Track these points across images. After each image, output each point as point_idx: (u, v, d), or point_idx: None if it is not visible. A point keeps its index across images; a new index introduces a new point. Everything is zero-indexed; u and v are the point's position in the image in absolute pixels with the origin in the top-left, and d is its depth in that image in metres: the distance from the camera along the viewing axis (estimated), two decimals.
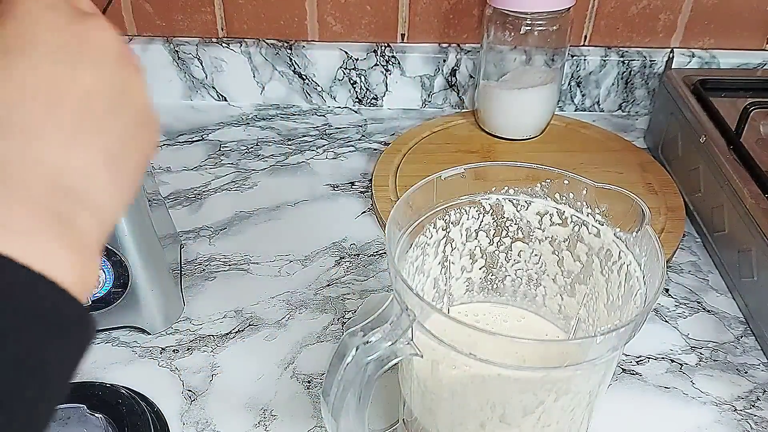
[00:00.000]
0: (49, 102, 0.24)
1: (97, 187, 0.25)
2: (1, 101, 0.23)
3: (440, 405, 0.38)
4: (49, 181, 0.23)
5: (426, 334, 0.33)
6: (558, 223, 0.42)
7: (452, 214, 0.42)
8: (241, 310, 0.56)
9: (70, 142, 0.24)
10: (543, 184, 0.41)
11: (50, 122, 0.24)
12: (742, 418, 0.48)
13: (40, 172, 0.23)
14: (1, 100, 0.23)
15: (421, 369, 0.36)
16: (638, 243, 0.37)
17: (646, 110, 0.83)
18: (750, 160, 0.59)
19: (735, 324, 0.56)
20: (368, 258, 0.61)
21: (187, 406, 0.48)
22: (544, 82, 0.72)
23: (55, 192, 0.23)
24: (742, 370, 0.52)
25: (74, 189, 0.24)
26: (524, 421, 0.36)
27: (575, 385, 0.35)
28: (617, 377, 0.51)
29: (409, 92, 0.83)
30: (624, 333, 0.32)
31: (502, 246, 0.44)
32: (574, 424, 0.38)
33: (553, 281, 0.44)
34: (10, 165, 0.22)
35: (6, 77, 0.24)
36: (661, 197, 0.66)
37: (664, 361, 0.52)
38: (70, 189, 0.24)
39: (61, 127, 0.24)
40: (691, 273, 0.61)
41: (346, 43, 0.81)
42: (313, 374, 0.51)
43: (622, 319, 0.38)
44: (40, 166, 0.23)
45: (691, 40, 0.80)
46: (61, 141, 0.24)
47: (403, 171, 0.70)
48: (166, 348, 0.53)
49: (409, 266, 0.41)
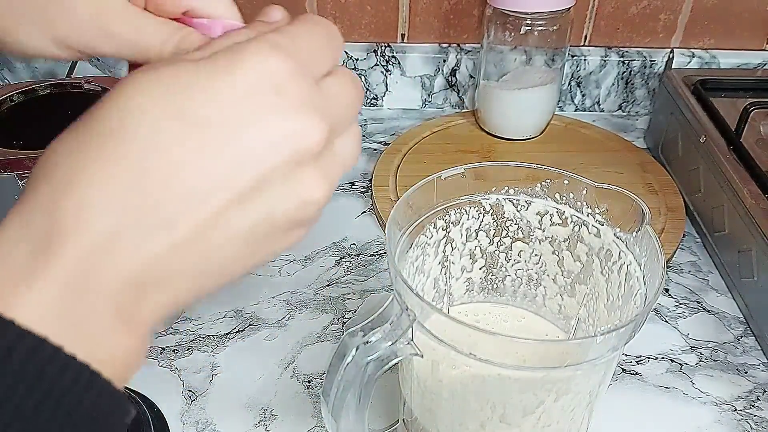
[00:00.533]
0: (189, 200, 0.21)
1: (187, 284, 0.23)
2: (142, 189, 0.21)
3: (440, 405, 0.38)
4: (129, 279, 0.21)
5: (426, 334, 0.33)
6: (558, 223, 0.42)
7: (452, 214, 0.42)
8: (241, 310, 0.56)
9: (181, 250, 0.22)
10: (543, 184, 0.41)
11: (178, 224, 0.21)
12: (742, 418, 0.48)
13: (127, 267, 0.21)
14: (143, 188, 0.21)
15: (421, 369, 0.36)
16: (638, 243, 0.37)
17: (646, 110, 0.83)
18: (750, 160, 0.59)
19: (735, 324, 0.56)
20: (368, 258, 0.61)
21: (187, 406, 0.48)
22: (544, 82, 0.72)
23: (131, 288, 0.21)
24: (742, 370, 0.52)
25: (159, 283, 0.22)
26: (524, 421, 0.36)
27: (575, 385, 0.35)
28: (617, 377, 0.51)
29: (409, 92, 0.83)
30: (624, 333, 0.32)
31: (502, 246, 0.44)
32: (574, 424, 0.38)
33: (553, 281, 0.44)
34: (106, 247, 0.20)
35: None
36: (661, 197, 0.66)
37: (664, 361, 0.52)
38: (156, 283, 0.22)
39: (188, 231, 0.22)
40: (691, 273, 0.61)
41: (346, 43, 0.80)
42: (313, 374, 0.51)
43: (622, 319, 0.38)
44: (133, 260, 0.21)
45: (691, 40, 0.80)
46: (173, 244, 0.21)
47: (403, 171, 0.70)
48: (166, 348, 0.53)
49: (409, 266, 0.41)
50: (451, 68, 0.81)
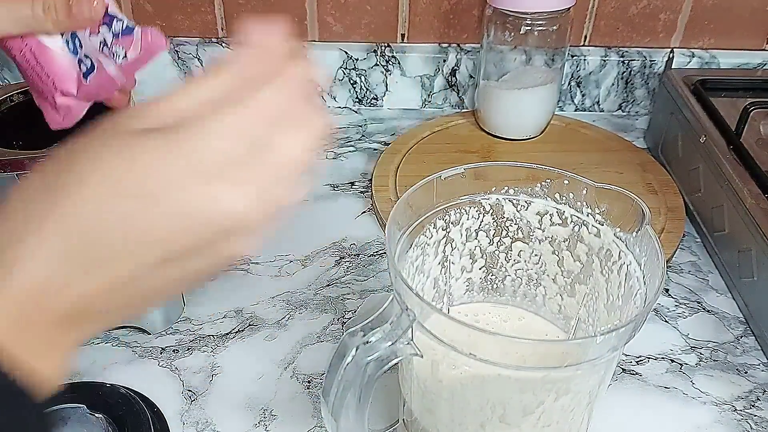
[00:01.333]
0: (119, 255, 0.25)
1: (118, 311, 0.27)
2: (80, 231, 0.24)
3: (440, 405, 0.38)
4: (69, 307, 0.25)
5: (426, 334, 0.33)
6: (558, 223, 0.42)
7: (452, 214, 0.42)
8: (241, 310, 0.56)
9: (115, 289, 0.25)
10: (543, 184, 0.41)
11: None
12: (742, 418, 0.48)
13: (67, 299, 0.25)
14: (80, 230, 0.24)
15: (421, 369, 0.36)
16: (638, 243, 0.37)
17: (646, 110, 0.83)
18: (750, 160, 0.59)
19: (735, 324, 0.56)
20: (368, 258, 0.61)
21: (187, 406, 0.48)
22: (544, 82, 0.72)
23: (69, 315, 0.25)
24: (742, 370, 0.52)
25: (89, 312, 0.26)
26: (524, 421, 0.36)
27: (575, 385, 0.35)
28: (617, 377, 0.51)
29: (409, 92, 0.83)
30: (624, 333, 0.32)
31: (502, 246, 0.44)
32: (574, 424, 0.38)
33: (553, 281, 0.44)
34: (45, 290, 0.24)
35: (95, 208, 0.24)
36: (661, 197, 0.66)
37: (664, 361, 0.52)
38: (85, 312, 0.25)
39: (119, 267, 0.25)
40: (691, 273, 0.61)
41: (346, 43, 0.81)
42: (313, 374, 0.51)
43: (622, 319, 0.38)
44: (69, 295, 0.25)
45: (691, 40, 0.80)
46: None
47: (403, 171, 0.70)
48: (166, 348, 0.53)
49: (409, 266, 0.41)
50: (451, 68, 0.81)
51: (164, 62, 0.80)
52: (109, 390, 0.47)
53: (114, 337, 0.53)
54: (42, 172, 0.26)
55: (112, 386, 0.48)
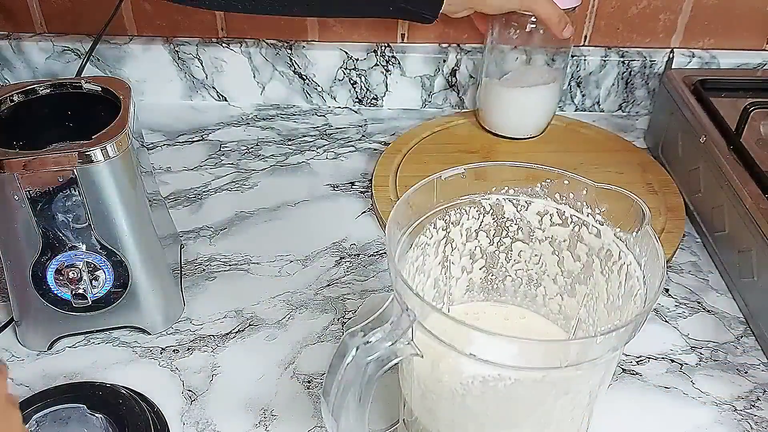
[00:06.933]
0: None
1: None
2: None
3: (440, 405, 0.38)
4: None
5: (426, 334, 0.33)
6: (558, 223, 0.42)
7: (452, 214, 0.42)
8: (241, 310, 0.56)
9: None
10: (543, 184, 0.41)
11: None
12: (742, 418, 0.48)
13: None
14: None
15: (421, 369, 0.36)
16: (638, 243, 0.37)
17: (646, 110, 0.83)
18: (750, 160, 0.59)
19: (735, 324, 0.56)
20: (368, 258, 0.61)
21: (187, 406, 0.48)
22: (547, 81, 0.72)
23: None
24: (742, 370, 0.52)
25: None
26: (525, 421, 0.36)
27: (575, 385, 0.35)
28: (617, 377, 0.51)
29: (409, 92, 0.83)
30: (624, 333, 0.32)
31: (503, 246, 0.44)
32: (574, 424, 0.38)
33: (553, 281, 0.44)
34: None
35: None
36: (661, 197, 0.66)
37: (664, 361, 0.52)
38: None
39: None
40: (691, 273, 0.61)
41: (346, 43, 0.81)
42: (313, 374, 0.51)
43: (622, 319, 0.38)
44: None
45: (691, 41, 0.80)
46: None
47: (403, 171, 0.70)
48: (166, 348, 0.53)
49: (410, 266, 0.41)
50: (451, 68, 0.81)
51: (164, 62, 0.80)
52: (109, 390, 0.47)
53: (114, 337, 0.53)
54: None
55: (112, 386, 0.48)
